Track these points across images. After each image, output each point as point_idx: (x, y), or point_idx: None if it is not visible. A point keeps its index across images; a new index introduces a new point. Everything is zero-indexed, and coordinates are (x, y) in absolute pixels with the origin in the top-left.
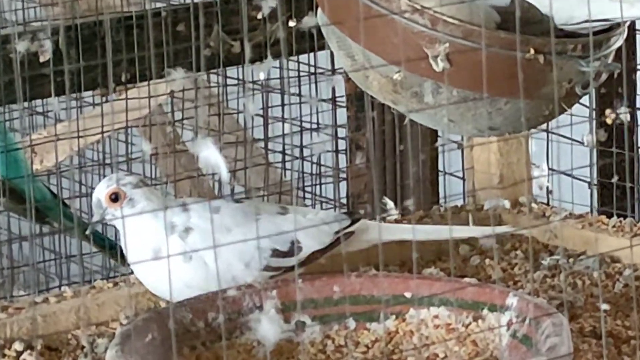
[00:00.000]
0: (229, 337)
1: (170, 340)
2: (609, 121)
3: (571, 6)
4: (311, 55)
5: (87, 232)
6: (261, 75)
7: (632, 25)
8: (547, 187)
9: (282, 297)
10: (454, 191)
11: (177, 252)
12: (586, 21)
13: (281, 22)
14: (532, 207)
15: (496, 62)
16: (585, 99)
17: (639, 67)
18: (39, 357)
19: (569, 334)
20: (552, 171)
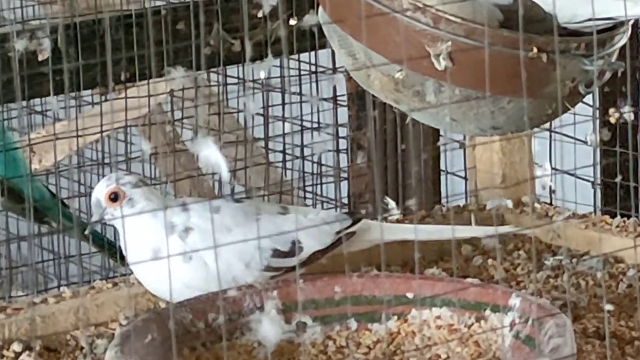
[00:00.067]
0: (229, 338)
1: (170, 341)
2: (612, 120)
3: (574, 4)
4: (312, 53)
5: (86, 232)
6: (262, 74)
7: (635, 23)
8: (550, 186)
9: (283, 298)
10: (456, 191)
11: (177, 252)
12: (590, 19)
13: (282, 21)
14: (535, 206)
15: (499, 60)
16: (588, 98)
17: None
18: (37, 358)
19: (572, 335)
20: (555, 171)
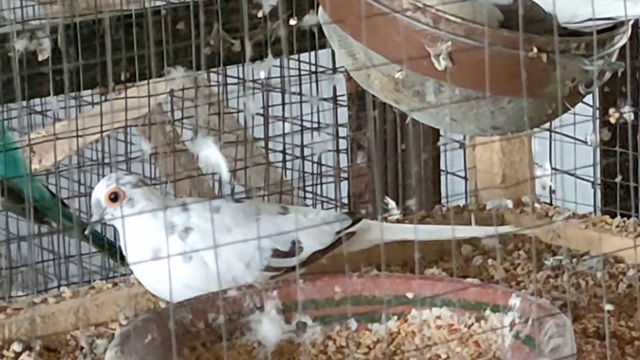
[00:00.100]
0: (229, 338)
1: (170, 341)
2: (612, 120)
3: (574, 4)
4: (312, 53)
5: (86, 232)
6: (262, 74)
7: (635, 23)
8: (550, 186)
9: (283, 298)
10: (456, 191)
11: (177, 252)
12: (590, 19)
13: (282, 21)
14: (535, 206)
15: (499, 60)
16: (588, 98)
17: None
18: (37, 358)
19: (572, 335)
20: (555, 171)
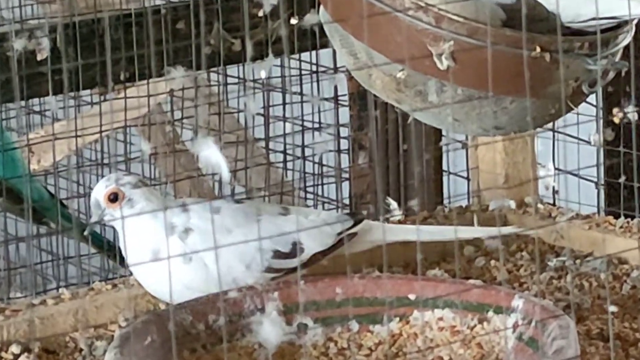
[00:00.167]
0: (229, 340)
1: (170, 342)
2: (616, 120)
3: (578, 4)
4: (313, 53)
5: (86, 233)
6: (262, 73)
7: (639, 22)
8: (554, 187)
9: (284, 299)
10: (458, 191)
11: (176, 253)
12: (593, 19)
13: (283, 20)
14: (538, 207)
15: (502, 60)
16: (592, 98)
17: None
18: None
19: (575, 337)
20: (558, 171)
